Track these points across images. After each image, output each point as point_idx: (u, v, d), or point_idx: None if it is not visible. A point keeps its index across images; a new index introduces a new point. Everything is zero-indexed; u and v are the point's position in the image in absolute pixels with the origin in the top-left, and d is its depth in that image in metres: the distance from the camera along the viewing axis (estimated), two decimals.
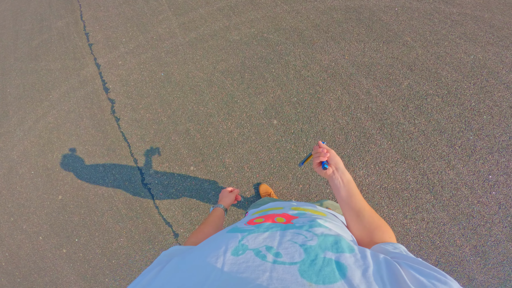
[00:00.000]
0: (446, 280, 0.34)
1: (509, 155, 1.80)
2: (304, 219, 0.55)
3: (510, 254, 1.74)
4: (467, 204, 1.79)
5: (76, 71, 2.39)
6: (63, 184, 2.35)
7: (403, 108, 1.94)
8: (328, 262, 0.37)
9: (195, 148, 2.11)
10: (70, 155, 2.34)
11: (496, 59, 1.94)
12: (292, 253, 0.39)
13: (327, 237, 0.44)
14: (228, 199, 0.95)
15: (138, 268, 2.18)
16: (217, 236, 0.49)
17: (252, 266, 0.37)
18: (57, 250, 2.30)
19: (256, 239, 0.44)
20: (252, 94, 2.09)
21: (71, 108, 2.37)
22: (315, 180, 1.93)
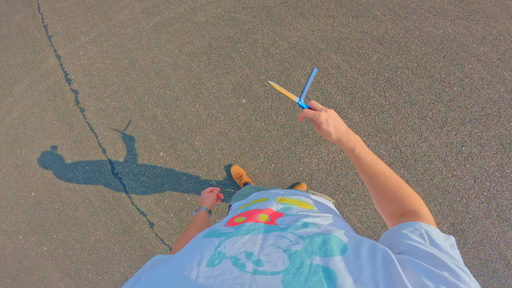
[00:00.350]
0: (457, 284, 0.26)
1: (482, 126, 1.60)
2: (289, 218, 0.44)
3: (489, 232, 1.55)
4: (441, 178, 1.59)
5: (37, 65, 2.10)
6: (34, 180, 2.08)
7: (373, 81, 1.73)
8: (315, 269, 0.29)
9: (163, 133, 1.86)
10: (38, 150, 2.06)
11: (466, 33, 1.72)
12: (274, 260, 0.31)
13: (314, 238, 0.34)
14: (209, 200, 0.83)
15: (118, 261, 1.95)
16: (192, 243, 0.40)
17: (228, 279, 0.29)
18: (38, 248, 2.08)
19: (234, 245, 0.35)
20: (219, 74, 1.83)
21: (34, 102, 2.07)
22: (287, 158, 1.72)
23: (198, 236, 0.41)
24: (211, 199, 0.83)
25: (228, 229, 0.40)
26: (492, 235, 1.58)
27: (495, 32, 1.70)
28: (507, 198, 1.58)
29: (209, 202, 0.82)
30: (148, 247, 1.90)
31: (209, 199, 0.82)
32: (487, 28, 1.71)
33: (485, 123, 1.61)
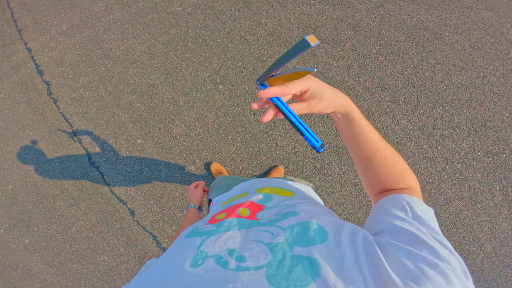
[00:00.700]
0: (437, 263, 0.24)
1: (453, 109, 1.48)
2: (269, 212, 0.39)
3: (462, 215, 1.45)
4: (414, 160, 1.47)
5: (7, 58, 1.88)
6: (10, 173, 1.86)
7: (347, 67, 1.59)
8: (298, 260, 0.26)
9: (140, 120, 1.68)
10: (12, 143, 1.84)
11: (440, 22, 1.60)
12: (257, 255, 0.28)
13: (294, 228, 0.31)
14: (196, 196, 0.76)
15: (101, 250, 1.79)
16: (175, 245, 0.35)
17: (213, 278, 0.27)
18: (20, 241, 1.89)
19: (216, 243, 0.32)
20: (196, 62, 1.65)
21: (6, 95, 1.86)
22: (264, 142, 1.58)
23: (181, 237, 0.37)
24: (198, 194, 0.77)
25: (210, 227, 0.37)
26: (465, 218, 1.48)
27: (469, 21, 1.60)
28: (479, 180, 1.49)
29: (196, 198, 0.75)
30: (131, 235, 1.73)
31: (196, 195, 0.76)
32: (461, 17, 1.61)
33: (457, 107, 1.52)
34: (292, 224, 0.32)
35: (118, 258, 1.81)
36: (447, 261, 0.24)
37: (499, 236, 1.50)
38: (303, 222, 0.32)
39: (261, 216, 0.38)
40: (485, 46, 1.56)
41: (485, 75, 1.53)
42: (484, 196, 1.47)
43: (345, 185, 1.51)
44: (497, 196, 1.47)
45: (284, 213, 0.36)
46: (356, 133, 0.38)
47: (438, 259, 0.24)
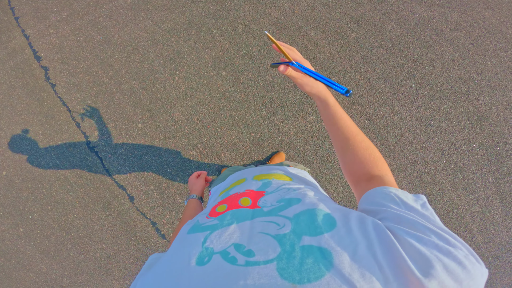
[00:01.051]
0: (449, 250, 0.23)
1: (450, 102, 1.55)
2: (271, 197, 0.39)
3: (455, 205, 1.52)
4: (411, 150, 1.53)
5: (3, 44, 1.87)
6: (4, 158, 1.84)
7: (349, 58, 1.64)
8: (308, 250, 0.26)
9: (141, 105, 1.70)
10: (6, 127, 1.83)
11: (441, 18, 1.65)
12: (265, 248, 0.28)
13: (300, 217, 0.31)
14: (198, 186, 0.72)
15: (99, 238, 1.78)
16: (178, 241, 0.35)
17: (222, 276, 0.26)
18: (14, 230, 1.87)
19: (220, 238, 0.31)
20: (199, 49, 1.68)
21: (1, 80, 1.84)
22: (266, 128, 1.62)
23: (183, 233, 0.36)
24: (200, 184, 0.73)
25: (212, 220, 0.36)
26: (458, 208, 1.55)
27: (469, 19, 1.66)
28: (473, 171, 1.57)
29: (198, 188, 0.72)
30: (129, 222, 1.75)
31: (198, 185, 0.73)
32: (462, 15, 1.67)
33: (454, 100, 1.59)
34: (297, 212, 0.32)
35: (116, 245, 1.84)
36: (458, 246, 0.24)
37: (490, 227, 1.58)
38: (309, 209, 0.32)
39: (263, 203, 0.38)
40: (484, 43, 1.64)
41: (482, 71, 1.61)
42: (477, 187, 1.55)
43: None
44: (489, 187, 1.56)
45: (287, 200, 0.36)
46: (331, 117, 0.44)
47: (449, 245, 0.24)
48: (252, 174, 0.53)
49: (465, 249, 0.24)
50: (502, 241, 1.58)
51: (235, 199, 0.41)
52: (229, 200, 0.42)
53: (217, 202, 0.43)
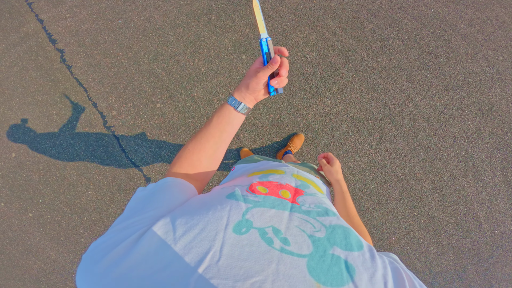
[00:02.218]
0: None
1: (463, 92, 1.69)
2: (309, 198, 0.43)
3: (465, 192, 1.66)
4: (424, 136, 1.68)
5: (15, 29, 1.98)
6: (14, 139, 1.92)
7: (366, 47, 1.78)
8: (337, 260, 0.30)
9: (160, 85, 1.81)
10: (17, 108, 1.91)
11: (456, 15, 1.81)
12: (300, 243, 0.31)
13: (335, 229, 0.35)
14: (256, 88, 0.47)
15: (112, 221, 1.85)
16: (214, 200, 0.36)
17: (256, 252, 0.28)
18: (22, 215, 1.93)
19: (262, 216, 0.34)
20: (219, 33, 1.82)
21: (13, 63, 1.94)
22: (285, 109, 1.74)
23: (220, 193, 0.38)
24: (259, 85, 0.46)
25: (254, 196, 0.38)
26: (468, 195, 1.69)
27: (483, 16, 1.80)
28: (482, 159, 1.73)
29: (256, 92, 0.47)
30: None
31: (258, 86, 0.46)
32: (476, 12, 1.80)
33: (467, 91, 1.77)
34: (333, 224, 0.36)
35: None
36: None
37: (496, 216, 1.73)
38: (343, 226, 0.36)
39: (302, 201, 0.42)
40: (497, 39, 1.82)
41: (494, 65, 1.80)
42: (486, 175, 1.71)
43: (360, 155, 1.73)
44: (497, 176, 1.73)
45: (324, 208, 0.40)
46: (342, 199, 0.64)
47: None
48: (291, 171, 0.56)
49: None
50: (507, 230, 1.74)
51: (276, 188, 0.44)
52: (270, 185, 0.44)
53: (256, 181, 0.45)
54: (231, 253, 0.28)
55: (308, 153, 1.75)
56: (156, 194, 0.37)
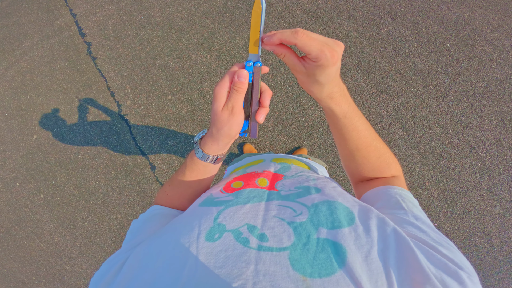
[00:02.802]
0: (457, 271, 0.25)
1: (484, 100, 1.63)
2: (289, 181, 0.40)
3: (477, 205, 1.59)
4: (438, 144, 1.63)
5: (50, 22, 2.21)
6: (37, 122, 2.11)
7: (381, 49, 1.76)
8: (323, 244, 0.27)
9: (173, 79, 1.95)
10: (44, 94, 2.12)
11: (482, 20, 1.77)
12: (279, 234, 0.29)
13: (318, 207, 0.32)
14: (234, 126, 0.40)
15: (116, 207, 1.99)
16: (189, 212, 0.36)
17: (232, 256, 0.27)
18: (34, 196, 2.10)
19: (235, 216, 0.32)
20: (232, 31, 1.91)
21: (44, 53, 2.16)
22: (291, 108, 1.78)
23: (194, 204, 0.38)
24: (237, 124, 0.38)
25: (226, 196, 0.37)
26: (480, 208, 1.61)
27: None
28: (500, 172, 1.62)
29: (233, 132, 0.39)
30: (148, 192, 1.95)
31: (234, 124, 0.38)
32: (505, 18, 1.75)
33: (488, 98, 1.70)
34: (316, 202, 0.33)
35: (131, 216, 2.08)
36: (461, 268, 0.25)
37: (509, 231, 1.61)
38: (328, 201, 0.33)
39: (281, 186, 0.40)
40: None
41: None
42: (502, 189, 1.61)
43: None
44: None
45: (306, 187, 0.37)
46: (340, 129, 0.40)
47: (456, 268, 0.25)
48: (271, 157, 0.55)
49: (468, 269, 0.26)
50: None
51: (253, 178, 0.42)
52: (246, 177, 0.43)
53: (232, 178, 0.44)
54: (207, 263, 0.27)
55: (312, 154, 1.78)
56: (144, 223, 0.40)
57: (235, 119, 0.36)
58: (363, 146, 0.40)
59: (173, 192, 0.45)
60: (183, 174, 0.43)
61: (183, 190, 0.44)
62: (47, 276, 2.19)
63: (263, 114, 0.38)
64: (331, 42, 0.32)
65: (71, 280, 2.18)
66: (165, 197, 0.46)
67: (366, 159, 0.42)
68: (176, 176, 0.44)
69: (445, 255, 0.27)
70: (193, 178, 0.43)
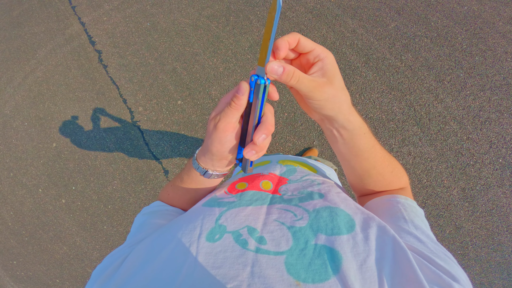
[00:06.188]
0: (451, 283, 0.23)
1: (502, 93, 1.45)
2: (293, 186, 0.37)
3: (500, 202, 1.41)
4: (455, 140, 1.46)
5: (61, 31, 2.14)
6: (56, 131, 2.07)
7: (389, 45, 1.60)
8: (320, 251, 0.26)
9: (182, 84, 1.87)
10: (61, 103, 2.06)
11: (493, 12, 1.58)
12: (278, 238, 0.28)
13: (320, 212, 0.30)
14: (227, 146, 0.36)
15: (132, 211, 1.93)
16: (192, 211, 0.34)
17: (230, 257, 0.26)
18: (56, 201, 2.07)
19: (236, 217, 0.31)
20: (237, 34, 1.80)
21: (58, 62, 2.10)
22: (300, 108, 1.66)
23: (198, 204, 0.36)
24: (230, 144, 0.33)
25: (230, 197, 0.35)
26: (503, 206, 1.44)
27: None
28: None
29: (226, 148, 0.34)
30: None
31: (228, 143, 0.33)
32: None
33: (506, 92, 1.50)
34: (317, 207, 0.31)
35: None
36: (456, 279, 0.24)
37: None
38: (330, 207, 0.31)
39: (284, 190, 0.37)
40: None
41: None
42: None
43: None
44: None
45: (309, 192, 0.35)
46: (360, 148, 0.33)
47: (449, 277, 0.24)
48: (278, 158, 0.52)
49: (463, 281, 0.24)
50: None
51: (257, 180, 0.39)
52: (251, 179, 0.40)
53: (237, 178, 0.42)
54: (206, 263, 0.26)
55: (322, 154, 1.62)
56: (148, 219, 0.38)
57: (217, 135, 0.30)
58: (378, 162, 0.36)
59: (173, 193, 0.42)
60: (182, 179, 0.40)
61: (182, 194, 0.41)
62: (70, 278, 2.15)
63: (253, 150, 0.29)
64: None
65: None
66: (167, 197, 0.44)
67: (382, 175, 0.37)
68: (177, 178, 0.42)
69: (441, 266, 0.25)
70: (190, 186, 0.39)
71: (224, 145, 0.31)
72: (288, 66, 0.26)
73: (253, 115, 0.28)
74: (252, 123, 0.29)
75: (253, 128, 0.29)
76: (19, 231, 2.16)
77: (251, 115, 0.28)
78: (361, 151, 0.34)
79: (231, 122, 0.29)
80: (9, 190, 2.17)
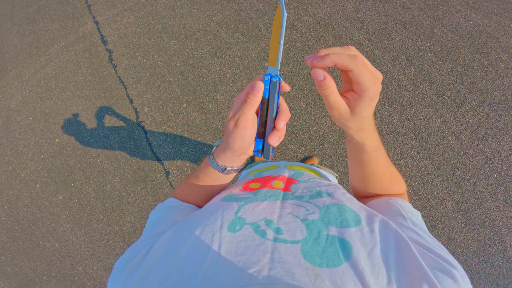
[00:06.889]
0: (450, 269, 0.28)
1: (501, 110, 1.62)
2: (303, 185, 0.44)
3: (492, 216, 1.57)
4: (452, 154, 1.62)
5: (75, 29, 2.32)
6: (60, 127, 2.22)
7: (393, 59, 1.77)
8: (332, 240, 0.31)
9: (188, 87, 2.03)
10: (68, 100, 2.22)
11: (498, 27, 1.76)
12: (293, 229, 0.33)
13: (329, 208, 0.35)
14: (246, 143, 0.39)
15: (130, 210, 2.06)
16: (211, 206, 0.40)
17: (251, 246, 0.31)
18: (53, 197, 2.19)
19: (254, 210, 0.36)
20: (245, 40, 1.98)
21: (69, 60, 2.27)
22: (302, 117, 1.81)
23: (216, 199, 0.42)
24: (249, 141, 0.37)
25: (246, 194, 0.41)
26: (495, 219, 1.59)
27: None
28: None
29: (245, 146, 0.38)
30: (161, 196, 2.01)
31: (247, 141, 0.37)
32: None
33: (505, 108, 1.65)
34: (327, 204, 0.36)
35: (144, 220, 2.12)
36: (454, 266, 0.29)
37: None
38: (338, 204, 0.36)
39: (295, 188, 0.43)
40: None
41: None
42: None
43: None
44: None
45: (318, 191, 0.40)
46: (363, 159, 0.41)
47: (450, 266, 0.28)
48: (285, 164, 0.59)
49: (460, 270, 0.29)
50: None
51: (269, 181, 0.45)
52: (263, 180, 0.46)
53: (250, 179, 0.48)
54: (229, 251, 0.30)
55: (322, 163, 1.77)
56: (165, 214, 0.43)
57: (238, 132, 0.35)
58: (379, 172, 0.42)
59: (188, 191, 0.48)
60: (197, 177, 0.46)
61: (197, 191, 0.47)
62: (58, 276, 2.26)
63: (276, 136, 0.36)
64: (376, 73, 0.31)
65: (81, 280, 2.23)
66: (181, 194, 0.49)
67: (380, 183, 0.44)
68: (191, 176, 0.48)
69: (440, 255, 0.30)
70: (205, 183, 0.45)
71: (245, 141, 0.36)
72: (329, 79, 0.30)
73: (272, 107, 0.35)
74: (271, 114, 0.35)
75: (272, 119, 0.36)
76: (11, 226, 2.29)
77: (269, 108, 0.35)
78: (364, 163, 0.41)
79: (249, 118, 0.34)
80: (6, 184, 2.31)
